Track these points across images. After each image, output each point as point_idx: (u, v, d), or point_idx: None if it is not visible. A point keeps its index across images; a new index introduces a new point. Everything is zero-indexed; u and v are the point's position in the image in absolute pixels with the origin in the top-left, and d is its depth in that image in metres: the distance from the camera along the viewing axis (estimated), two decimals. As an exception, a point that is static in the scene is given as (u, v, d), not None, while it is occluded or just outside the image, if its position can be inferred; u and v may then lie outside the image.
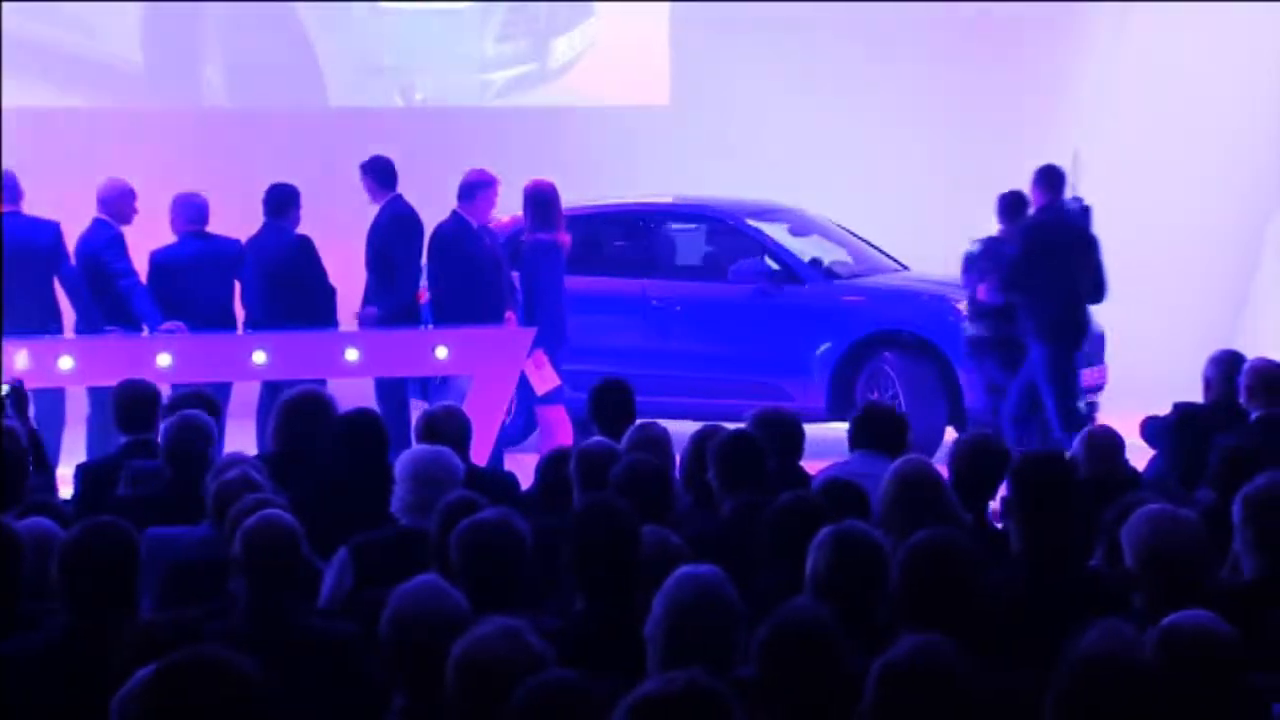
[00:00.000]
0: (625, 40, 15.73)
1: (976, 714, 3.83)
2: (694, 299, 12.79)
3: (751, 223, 12.94)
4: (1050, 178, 11.28)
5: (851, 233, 13.55)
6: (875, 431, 7.39)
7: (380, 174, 11.35)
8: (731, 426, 6.94)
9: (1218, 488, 6.44)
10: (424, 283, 11.49)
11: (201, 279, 10.92)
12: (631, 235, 13.22)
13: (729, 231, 13.00)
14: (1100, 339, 12.61)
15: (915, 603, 4.56)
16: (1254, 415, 8.36)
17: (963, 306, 11.91)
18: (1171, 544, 4.96)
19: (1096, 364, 12.51)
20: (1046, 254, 11.05)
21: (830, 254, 13.17)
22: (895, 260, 13.30)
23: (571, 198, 11.66)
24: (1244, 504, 5.22)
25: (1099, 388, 12.45)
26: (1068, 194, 11.47)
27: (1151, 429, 9.23)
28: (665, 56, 15.83)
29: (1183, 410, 8.87)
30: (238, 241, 11.10)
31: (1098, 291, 11.33)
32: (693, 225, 13.31)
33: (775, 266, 12.63)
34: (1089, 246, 11.26)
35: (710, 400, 12.20)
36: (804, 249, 13.11)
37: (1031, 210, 11.27)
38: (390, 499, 6.25)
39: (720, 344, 12.61)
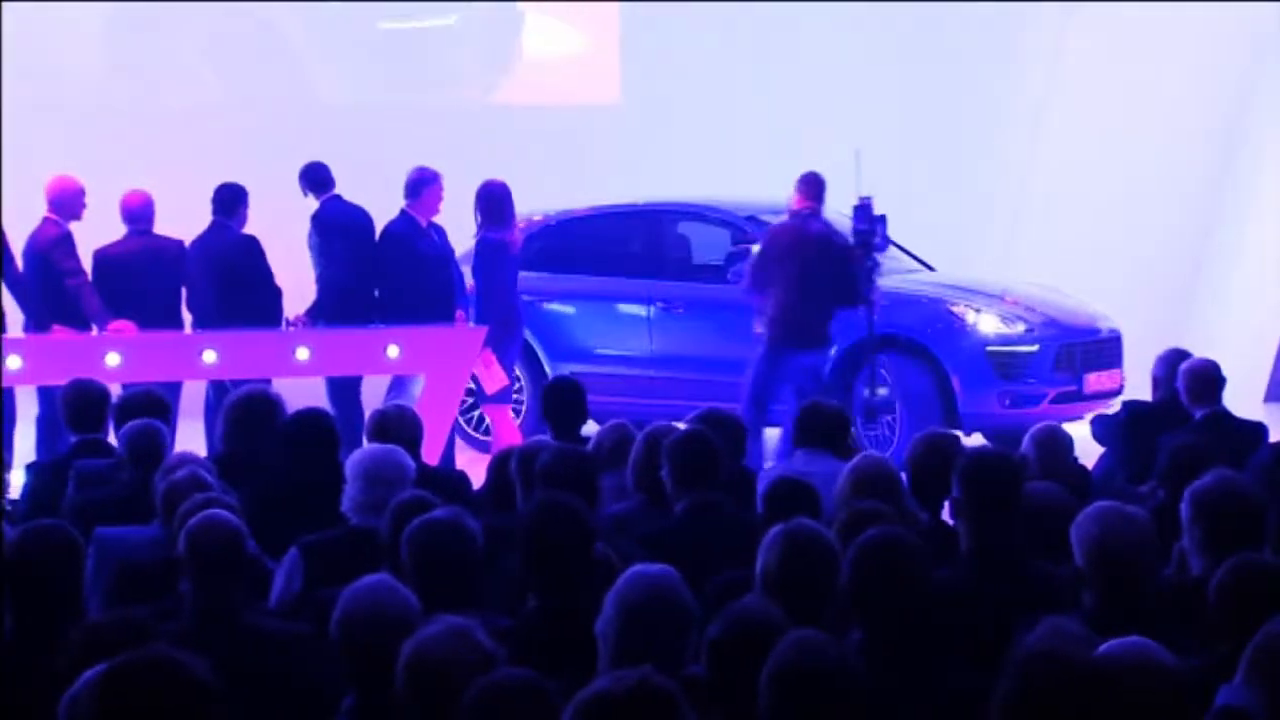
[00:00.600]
0: (576, 38, 15.73)
1: (865, 710, 3.84)
2: (696, 300, 12.57)
3: (753, 224, 12.55)
4: (808, 185, 11.29)
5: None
6: (819, 430, 7.42)
7: (311, 179, 11.31)
8: (681, 425, 6.94)
9: (1165, 485, 6.47)
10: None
11: (145, 277, 10.88)
12: (641, 235, 12.99)
13: (735, 231, 12.69)
14: (1114, 342, 12.42)
15: (864, 601, 4.57)
16: (1198, 415, 8.41)
17: (959, 309, 11.89)
18: (1120, 542, 4.95)
19: (1110, 368, 12.30)
20: (779, 258, 11.14)
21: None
22: (922, 262, 13.07)
23: (522, 197, 11.60)
24: (1192, 502, 5.22)
25: (1112, 393, 12.10)
26: (854, 195, 11.47)
27: (1101, 428, 9.30)
28: (616, 55, 15.83)
29: (1131, 409, 8.93)
30: (180, 241, 11.06)
31: (846, 297, 11.27)
32: (700, 224, 13.02)
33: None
34: (834, 253, 11.23)
35: (704, 404, 11.80)
36: None
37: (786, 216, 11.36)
38: (341, 498, 6.23)
39: (719, 347, 12.33)
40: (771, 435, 11.29)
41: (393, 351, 10.77)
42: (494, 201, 11.28)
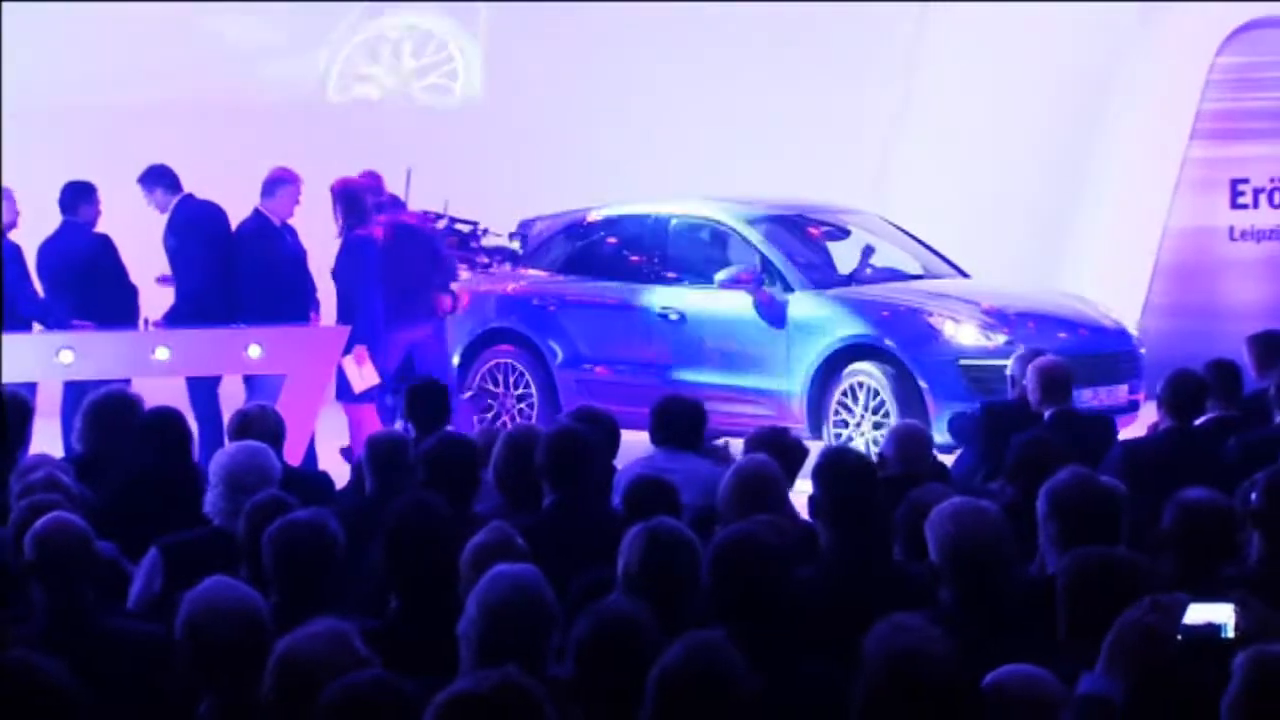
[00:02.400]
0: (437, 36, 15.67)
1: (753, 710, 3.86)
2: (691, 307, 12.28)
3: (752, 227, 12.37)
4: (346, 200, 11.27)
5: (915, 239, 13.04)
6: (675, 427, 7.42)
7: (162, 181, 11.20)
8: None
9: (1014, 482, 6.54)
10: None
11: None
12: (647, 238, 12.71)
13: (730, 235, 12.44)
14: (1123, 356, 11.90)
15: (723, 599, 4.57)
16: (1047, 413, 8.52)
17: (935, 319, 11.59)
18: (975, 538, 4.99)
19: (1114, 383, 11.80)
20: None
21: (885, 259, 12.68)
22: (956, 268, 12.81)
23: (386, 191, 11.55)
24: (1047, 499, 5.28)
25: (1115, 409, 11.07)
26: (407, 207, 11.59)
27: (959, 425, 9.41)
28: (478, 52, 15.79)
29: (987, 407, 9.05)
30: (14, 244, 10.88)
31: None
32: (697, 229, 12.74)
33: (761, 272, 12.03)
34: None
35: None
36: (842, 251, 12.66)
37: None
38: (199, 496, 6.19)
39: (711, 356, 12.15)
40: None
41: (254, 351, 10.69)
42: (351, 199, 11.24)
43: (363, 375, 10.99)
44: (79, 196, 10.97)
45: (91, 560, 5.13)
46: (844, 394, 11.67)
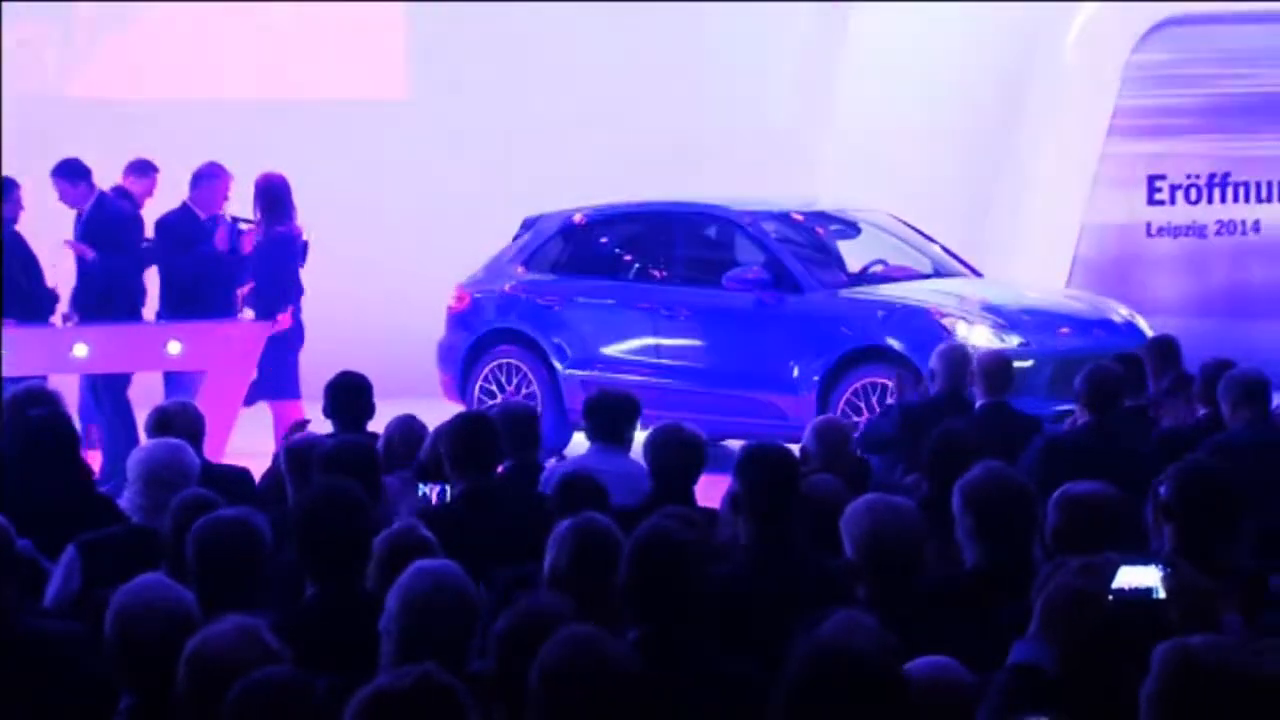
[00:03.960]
0: (361, 34, 15.61)
1: (642, 701, 3.87)
2: (696, 306, 12.10)
3: (762, 225, 12.20)
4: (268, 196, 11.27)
5: (927, 236, 12.90)
6: (606, 425, 7.43)
7: (76, 174, 11.12)
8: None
9: (928, 476, 6.57)
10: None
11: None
12: (650, 237, 12.57)
13: (739, 234, 12.28)
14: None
15: (639, 594, 4.56)
16: (978, 405, 8.60)
17: (949, 321, 11.33)
18: (889, 533, 5.02)
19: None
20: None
21: (893, 258, 12.53)
22: (969, 266, 12.69)
23: (306, 193, 11.48)
24: (961, 493, 5.31)
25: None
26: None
27: (871, 434, 9.41)
28: (402, 50, 15.75)
29: (904, 407, 9.12)
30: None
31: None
32: (704, 227, 12.59)
33: (764, 273, 11.85)
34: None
35: (704, 416, 10.83)
36: (850, 251, 12.50)
37: None
38: (92, 489, 6.14)
39: (715, 356, 11.97)
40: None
41: (174, 348, 10.64)
42: (274, 196, 11.20)
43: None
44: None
45: (13, 559, 5.09)
46: (854, 395, 11.45)
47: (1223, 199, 15.44)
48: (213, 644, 4.03)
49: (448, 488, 6.37)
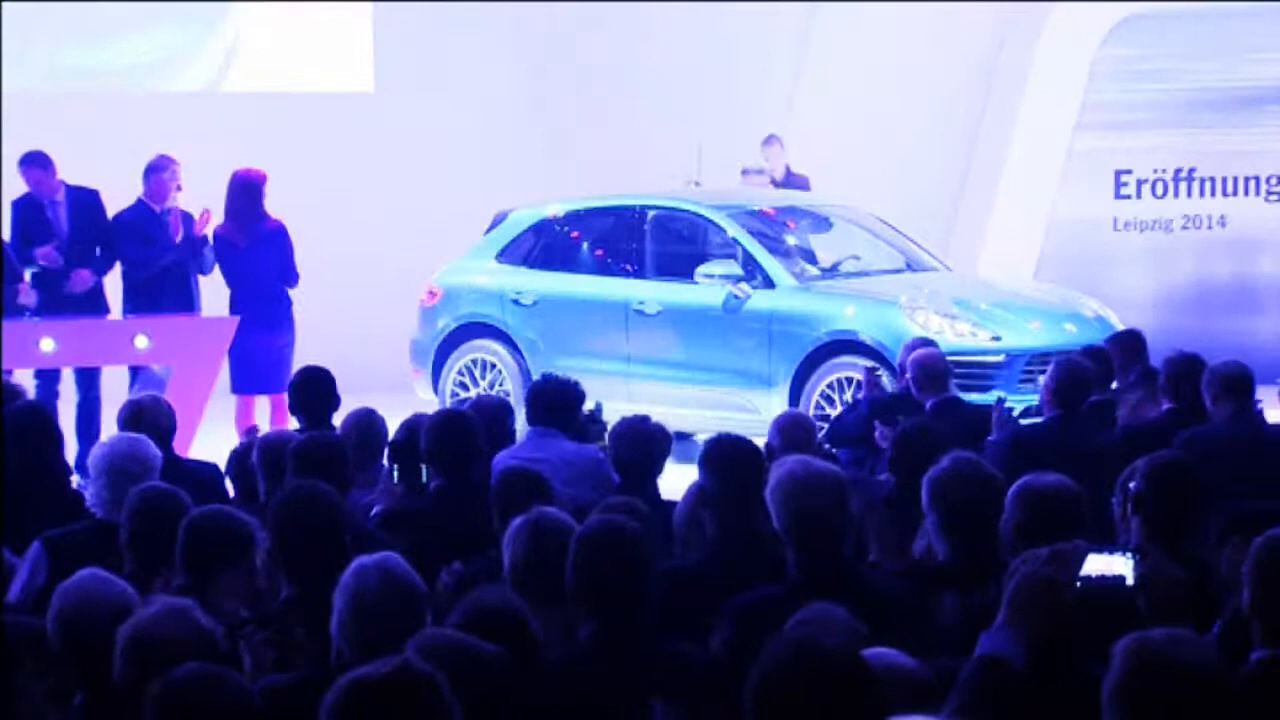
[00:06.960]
0: (328, 27, 15.58)
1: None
2: (668, 301, 12.04)
3: (734, 220, 12.14)
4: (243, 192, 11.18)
5: (899, 232, 12.86)
6: (544, 408, 7.38)
7: (46, 164, 11.10)
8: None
9: (893, 470, 6.57)
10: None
11: None
12: (623, 231, 12.46)
13: (712, 228, 12.21)
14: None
15: (588, 587, 4.52)
16: (929, 403, 8.60)
17: (919, 317, 11.28)
18: (811, 497, 4.93)
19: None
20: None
21: (866, 253, 12.52)
22: (940, 261, 12.69)
23: (280, 185, 11.45)
24: (928, 487, 5.31)
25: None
26: (692, 181, 11.30)
27: (839, 429, 9.41)
28: (369, 43, 15.72)
29: (872, 403, 9.13)
30: None
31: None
32: (675, 222, 12.49)
33: (739, 270, 11.82)
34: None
35: (676, 410, 11.06)
36: (823, 246, 12.49)
37: None
38: (66, 486, 6.12)
39: (687, 351, 11.93)
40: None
41: (141, 342, 10.61)
42: (248, 191, 11.17)
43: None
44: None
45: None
46: (828, 387, 11.45)
47: (1189, 194, 15.50)
48: (145, 627, 4.05)
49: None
